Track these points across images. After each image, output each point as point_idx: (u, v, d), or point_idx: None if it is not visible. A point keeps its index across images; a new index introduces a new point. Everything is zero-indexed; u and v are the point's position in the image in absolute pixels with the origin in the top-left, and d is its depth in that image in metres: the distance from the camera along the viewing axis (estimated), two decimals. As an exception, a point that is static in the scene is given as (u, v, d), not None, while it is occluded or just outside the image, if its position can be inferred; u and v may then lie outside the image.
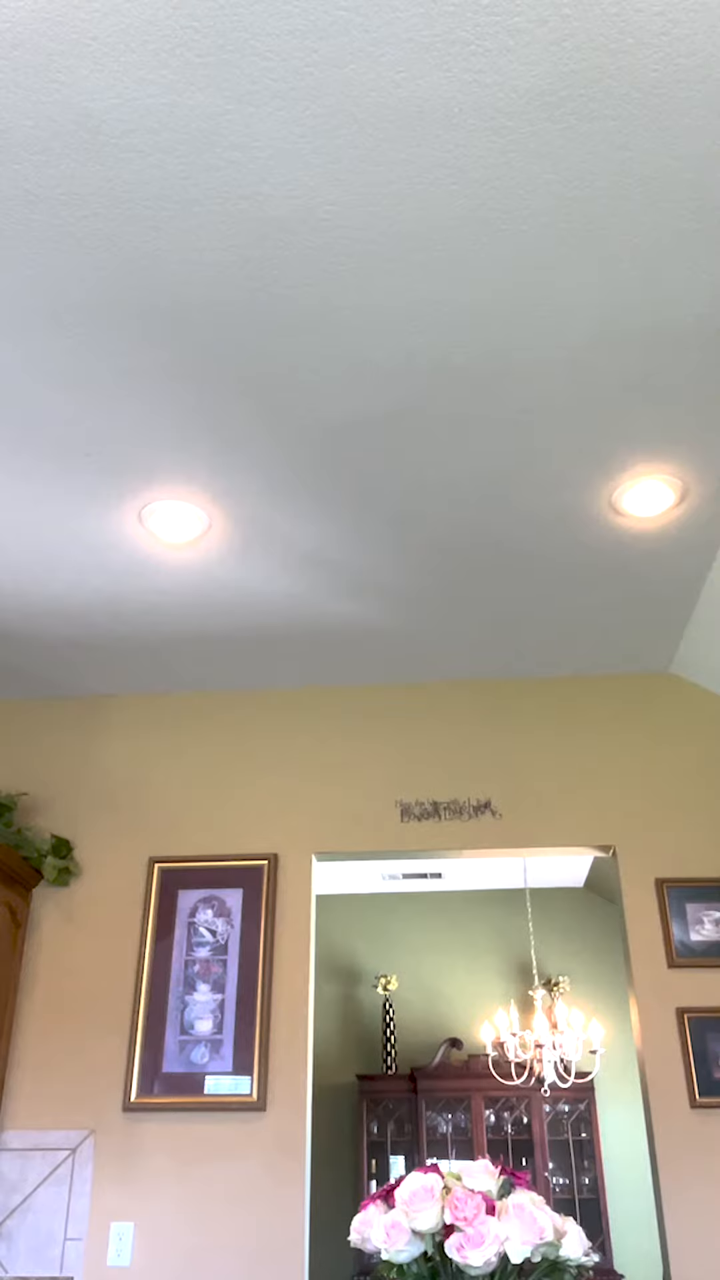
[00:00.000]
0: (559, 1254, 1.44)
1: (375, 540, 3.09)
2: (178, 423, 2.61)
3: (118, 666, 3.83)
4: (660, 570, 3.25)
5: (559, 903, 6.88)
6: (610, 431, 2.65)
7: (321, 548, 3.13)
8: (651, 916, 3.48)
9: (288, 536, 3.07)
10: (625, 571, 3.25)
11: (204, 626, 3.55)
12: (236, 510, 2.95)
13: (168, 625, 3.54)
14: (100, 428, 2.62)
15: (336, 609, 3.46)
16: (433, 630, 3.60)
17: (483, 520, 3.00)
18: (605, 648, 3.73)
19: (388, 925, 6.90)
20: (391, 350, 2.39)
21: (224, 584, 3.31)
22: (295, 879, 3.64)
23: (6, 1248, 3.14)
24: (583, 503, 2.92)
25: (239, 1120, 3.26)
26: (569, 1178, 5.90)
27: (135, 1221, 3.15)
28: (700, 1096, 3.17)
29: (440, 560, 3.20)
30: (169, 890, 3.63)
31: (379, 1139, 6.08)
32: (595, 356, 2.41)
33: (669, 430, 2.64)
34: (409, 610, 3.47)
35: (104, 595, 3.35)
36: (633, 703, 3.88)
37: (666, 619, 3.54)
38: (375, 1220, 1.44)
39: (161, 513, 2.94)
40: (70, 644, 3.66)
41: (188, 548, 3.12)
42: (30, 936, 3.62)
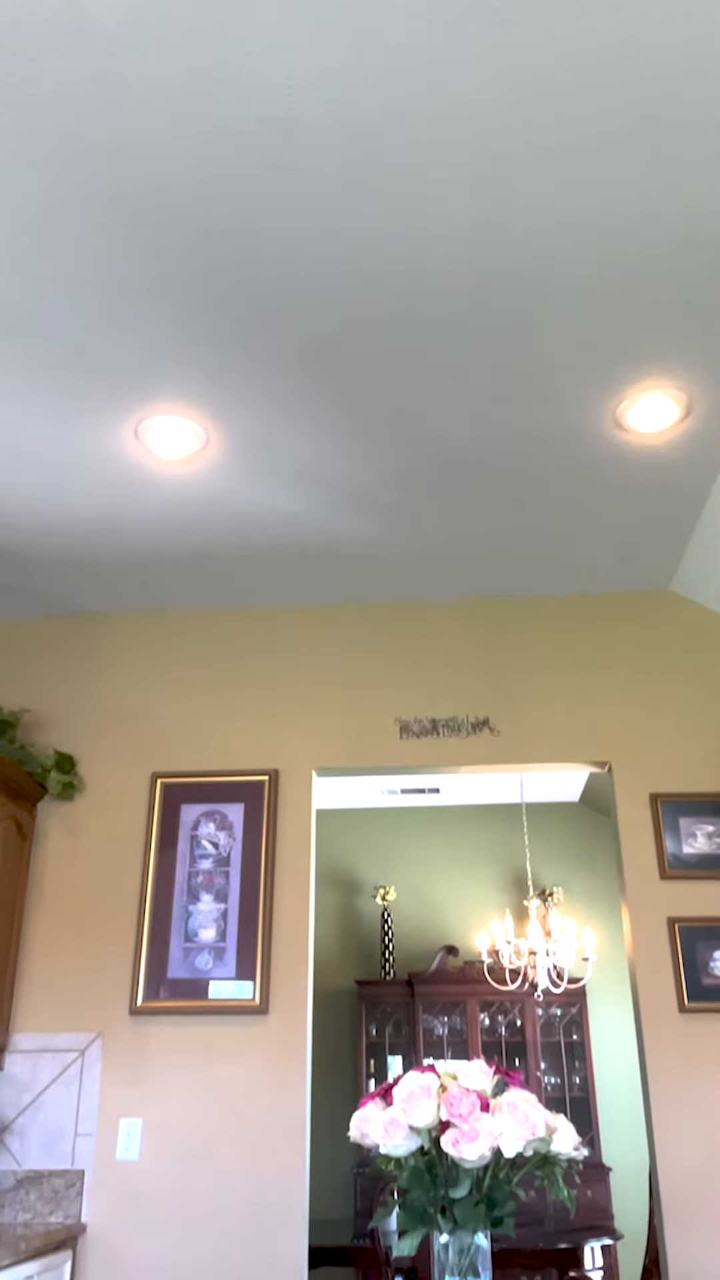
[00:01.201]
0: (550, 1149, 1.51)
1: (374, 457, 3.05)
2: (174, 337, 2.55)
3: (117, 585, 3.82)
4: (663, 487, 3.22)
5: (554, 817, 7.01)
6: (616, 345, 2.59)
7: (320, 464, 3.09)
8: (645, 830, 3.55)
9: (285, 453, 3.03)
10: (627, 488, 3.22)
11: (202, 544, 3.53)
12: (234, 426, 2.90)
13: (166, 543, 3.52)
14: (96, 342, 2.56)
15: (336, 527, 3.43)
16: (432, 549, 3.59)
17: (484, 437, 2.96)
18: (606, 566, 3.72)
19: (387, 838, 7.04)
20: (391, 262, 2.32)
21: (221, 501, 3.28)
22: (296, 794, 3.69)
23: (19, 1143, 3.28)
24: (586, 418, 2.88)
25: (242, 1023, 3.38)
26: (560, 1077, 6.14)
27: (143, 1118, 3.28)
28: (689, 1001, 3.28)
29: (440, 477, 3.16)
30: (171, 805, 3.69)
31: (377, 1040, 6.31)
32: (602, 268, 2.34)
33: (676, 344, 2.58)
34: (409, 528, 3.45)
35: (101, 513, 3.33)
36: (632, 621, 3.88)
37: (668, 536, 3.52)
38: (374, 1117, 1.50)
39: (158, 429, 2.89)
40: (68, 563, 3.65)
41: (184, 464, 3.08)
42: (36, 849, 3.69)
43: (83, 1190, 3.19)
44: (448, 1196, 1.43)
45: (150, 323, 2.51)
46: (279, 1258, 3.08)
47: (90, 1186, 3.20)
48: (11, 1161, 3.25)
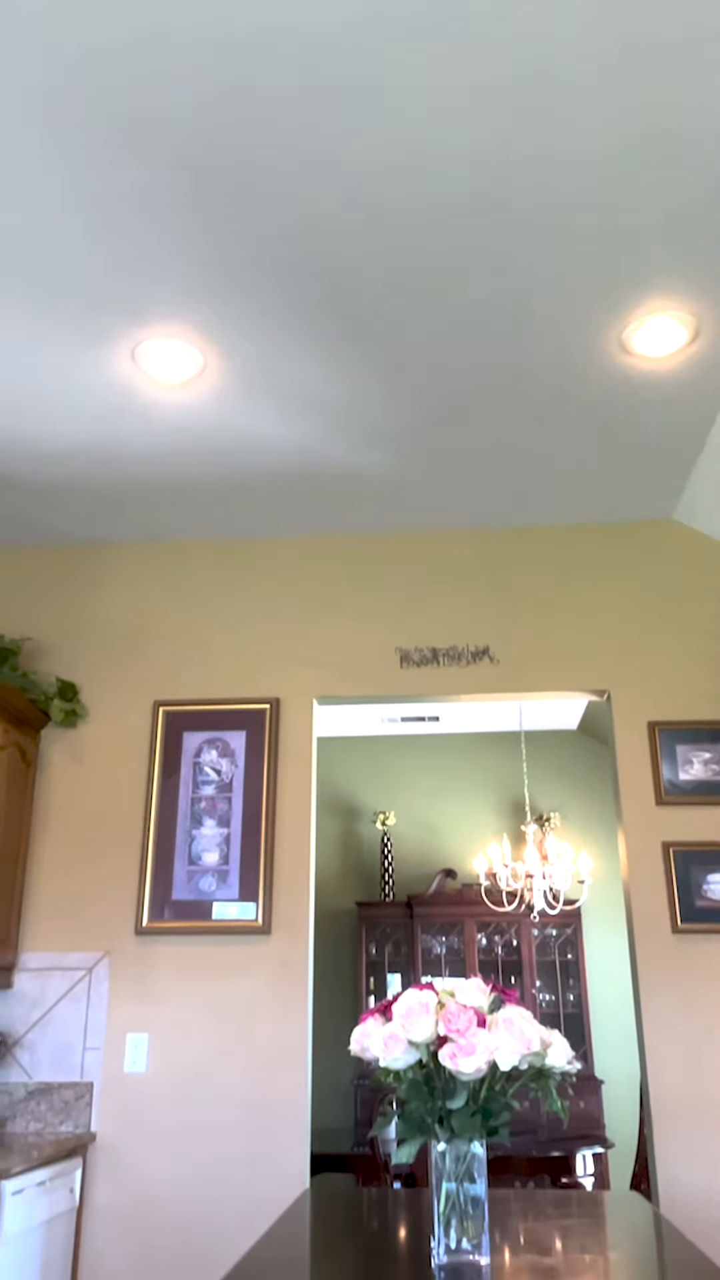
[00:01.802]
0: (544, 1063, 1.56)
1: (375, 382, 3.01)
2: (170, 255, 2.49)
3: (117, 513, 3.79)
4: (668, 413, 3.17)
5: (552, 744, 7.08)
6: (624, 265, 2.53)
7: (320, 390, 3.04)
8: (642, 757, 3.59)
9: (285, 378, 2.99)
10: (632, 414, 3.18)
11: (201, 472, 3.50)
12: (232, 350, 2.85)
13: (165, 470, 3.49)
14: (90, 261, 2.50)
15: (335, 455, 3.40)
16: (433, 477, 3.55)
17: (487, 362, 2.91)
18: (608, 494, 3.69)
19: (387, 765, 7.12)
20: (393, 178, 2.25)
21: (220, 427, 3.24)
22: (297, 722, 3.73)
23: (29, 1056, 3.39)
24: (591, 342, 2.82)
25: (245, 943, 3.46)
26: (555, 995, 6.31)
27: (149, 1033, 3.39)
28: (681, 922, 3.36)
29: (443, 405, 3.12)
30: (174, 732, 3.73)
31: (377, 960, 6.48)
32: (611, 184, 2.27)
33: (686, 264, 2.52)
34: (409, 456, 3.41)
35: (99, 439, 3.29)
36: (633, 550, 3.87)
37: (672, 464, 3.49)
38: (374, 1032, 1.55)
39: (155, 352, 2.84)
40: (67, 490, 3.62)
41: (183, 389, 3.03)
42: (41, 775, 3.74)
43: (91, 1101, 3.31)
44: (445, 1107, 1.49)
45: (145, 241, 2.45)
46: (282, 1164, 3.21)
47: (99, 1098, 3.32)
48: (22, 1074, 3.36)
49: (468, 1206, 1.48)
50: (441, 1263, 1.48)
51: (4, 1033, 3.41)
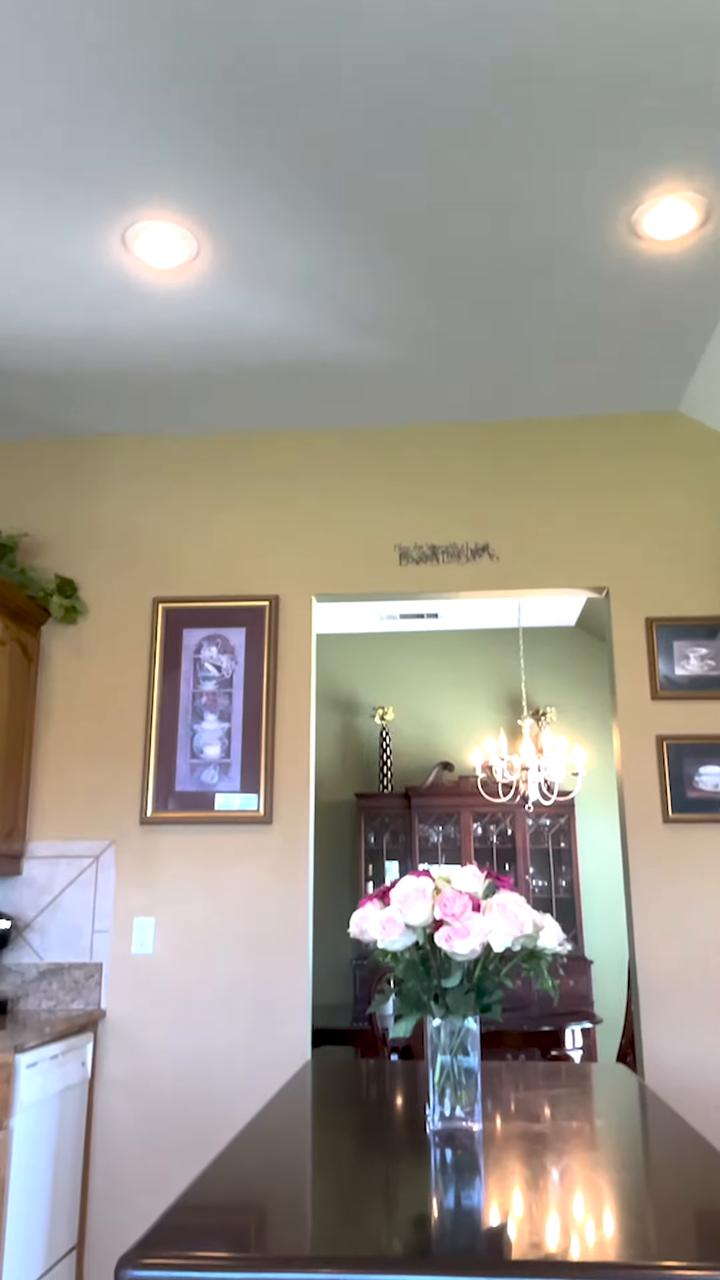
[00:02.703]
0: (536, 944, 1.62)
1: (374, 267, 2.91)
2: (162, 133, 2.38)
3: (112, 406, 3.72)
4: (676, 299, 3.08)
5: (550, 641, 7.12)
6: (634, 142, 2.42)
7: (316, 277, 2.95)
8: (639, 653, 3.61)
9: (281, 264, 2.89)
10: (639, 300, 3.09)
11: (197, 363, 3.42)
12: (227, 235, 2.75)
13: (159, 361, 3.41)
14: (78, 139, 2.39)
15: (333, 344, 3.31)
16: (434, 367, 3.47)
17: (489, 244, 2.81)
18: (612, 386, 3.62)
19: (386, 662, 7.18)
20: (394, 47, 2.13)
21: (215, 316, 3.15)
22: (296, 619, 3.74)
23: (40, 939, 3.52)
24: (599, 224, 2.72)
25: (247, 832, 3.56)
26: (548, 881, 6.52)
27: (156, 917, 3.51)
28: (673, 813, 3.44)
29: (442, 288, 3.02)
30: (174, 629, 3.74)
31: (375, 848, 6.66)
32: (626, 57, 2.15)
33: (700, 143, 2.41)
34: (409, 345, 3.33)
35: (91, 328, 3.20)
36: (636, 444, 3.81)
37: (679, 353, 3.40)
38: (372, 916, 1.61)
39: (147, 235, 2.74)
40: (62, 382, 3.54)
41: (175, 274, 2.94)
42: (43, 671, 3.77)
43: (101, 981, 3.45)
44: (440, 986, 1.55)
45: (136, 118, 2.33)
46: (284, 1039, 3.37)
47: (108, 977, 3.46)
48: (34, 955, 3.50)
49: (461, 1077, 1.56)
50: (436, 1128, 1.57)
51: (14, 917, 3.53)
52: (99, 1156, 3.32)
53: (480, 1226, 1.13)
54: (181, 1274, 1.00)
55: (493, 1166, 1.39)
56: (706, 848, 3.43)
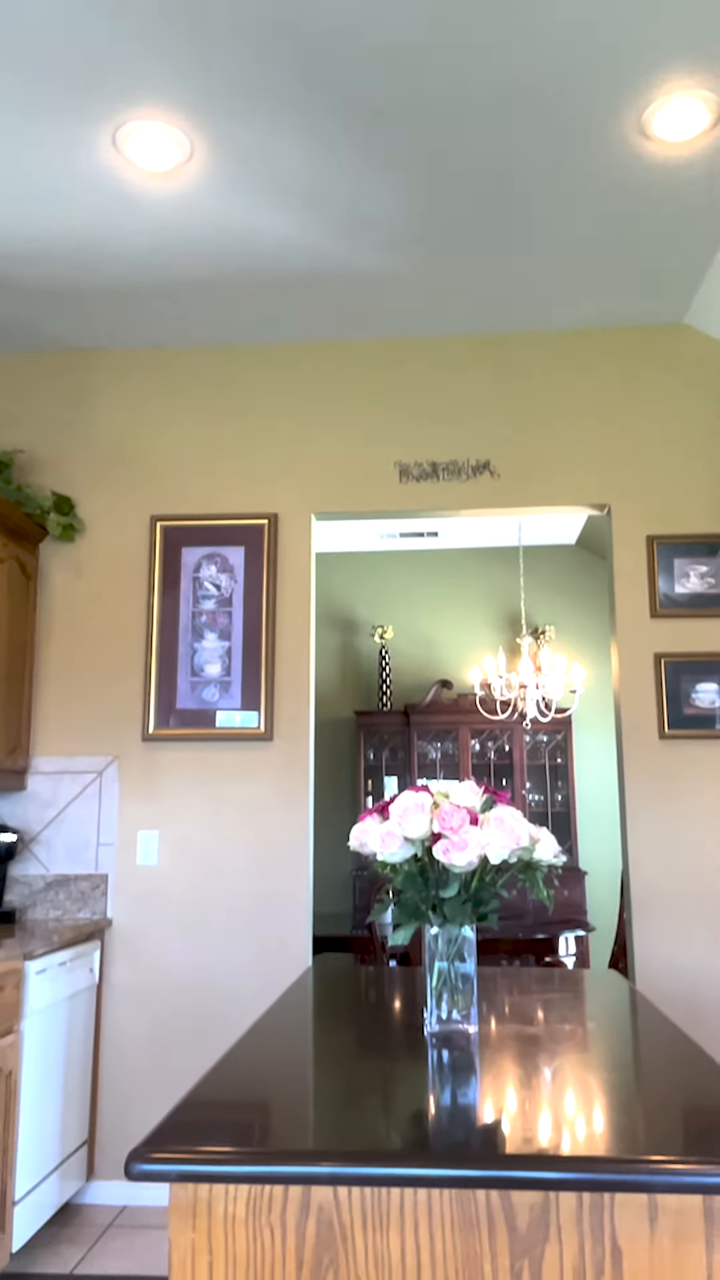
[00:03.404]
0: (532, 856, 1.66)
1: (374, 170, 2.81)
2: (150, 26, 2.27)
3: (107, 316, 3.64)
4: (686, 203, 2.99)
5: (551, 559, 7.10)
6: (645, 36, 2.31)
7: (315, 181, 2.85)
8: (639, 571, 3.61)
9: (277, 166, 2.79)
10: (648, 205, 2.99)
11: (193, 273, 3.33)
12: (219, 135, 2.65)
13: (155, 270, 3.32)
14: (62, 28, 2.28)
15: (332, 252, 3.22)
16: (435, 276, 3.38)
17: (492, 147, 2.71)
18: (619, 295, 3.53)
19: (385, 581, 7.17)
20: None
21: (210, 222, 3.05)
22: (295, 538, 3.72)
23: (46, 851, 3.59)
24: (608, 125, 2.62)
25: (249, 749, 3.60)
26: (544, 795, 6.63)
27: (160, 830, 3.58)
28: (669, 729, 3.48)
29: (444, 194, 2.93)
30: (172, 547, 3.73)
31: (375, 764, 6.75)
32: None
33: (710, 40, 2.30)
34: (410, 253, 3.24)
35: (80, 234, 3.11)
36: (641, 357, 3.74)
37: (688, 260, 3.31)
38: (372, 829, 1.64)
39: (138, 136, 2.64)
40: (55, 292, 3.45)
41: (169, 178, 2.84)
42: (42, 590, 3.77)
43: (107, 891, 3.54)
44: (438, 896, 1.59)
45: (124, 11, 2.22)
46: (286, 946, 3.47)
47: (114, 888, 3.54)
48: (40, 867, 3.58)
49: (458, 982, 1.61)
50: (433, 1030, 1.63)
51: (21, 830, 3.60)
52: (108, 1058, 3.45)
53: (475, 1122, 1.18)
54: (188, 1167, 1.05)
55: (487, 1066, 1.44)
56: (700, 763, 3.48)
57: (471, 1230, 1.03)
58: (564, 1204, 1.02)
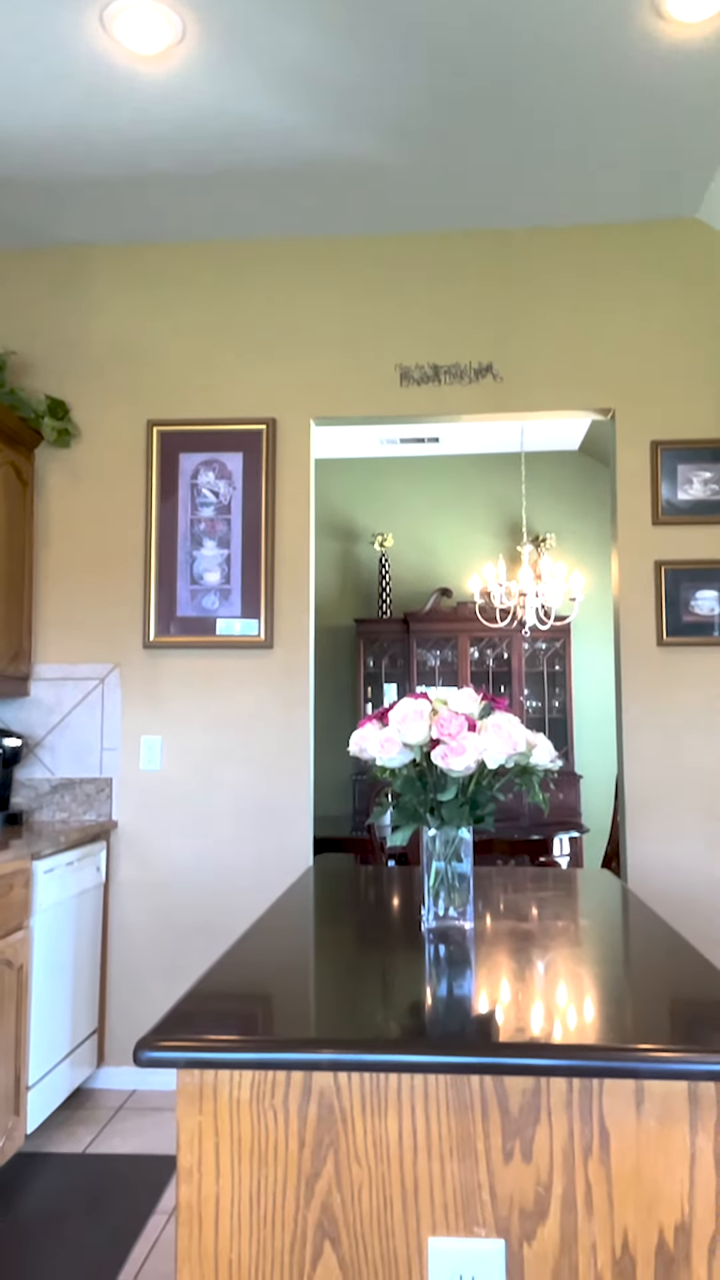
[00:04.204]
0: (529, 761, 1.68)
1: (374, 53, 2.68)
2: None
3: (97, 211, 3.51)
4: (702, 88, 2.86)
5: (553, 465, 7.01)
6: None
7: (313, 64, 2.72)
8: (642, 477, 3.57)
9: (274, 49, 2.66)
10: (660, 91, 2.86)
11: (186, 163, 3.20)
12: (213, 13, 2.52)
13: (146, 158, 3.19)
14: None
15: (330, 140, 3.09)
16: (437, 167, 3.26)
17: (497, 26, 2.57)
18: (628, 188, 3.40)
19: (385, 488, 7.10)
20: None
21: (203, 108, 2.92)
22: (294, 443, 3.67)
23: (51, 756, 3.65)
24: (619, 2, 2.48)
25: (249, 657, 3.62)
26: (542, 702, 6.70)
27: (162, 735, 3.62)
28: (667, 636, 3.50)
29: (447, 78, 2.79)
30: (169, 453, 3.68)
31: (374, 672, 6.80)
32: None
33: None
34: (410, 142, 3.11)
35: (68, 120, 2.98)
36: (649, 254, 3.63)
37: (701, 149, 3.19)
38: (372, 735, 1.66)
39: (127, 16, 2.51)
40: (43, 183, 3.33)
41: (160, 61, 2.71)
42: (39, 496, 3.74)
43: (111, 795, 3.60)
44: (436, 799, 1.62)
45: None
46: (287, 847, 3.55)
47: (118, 791, 3.61)
48: (45, 771, 3.64)
49: (454, 881, 1.66)
50: (430, 926, 1.68)
51: (25, 735, 3.65)
52: (115, 953, 3.57)
53: (470, 1012, 1.23)
54: (194, 1054, 1.09)
55: (483, 960, 1.49)
56: (697, 670, 3.50)
57: (466, 1113, 1.08)
58: (554, 1089, 1.07)
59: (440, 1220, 1.07)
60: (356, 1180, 1.08)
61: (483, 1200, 1.07)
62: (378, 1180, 1.08)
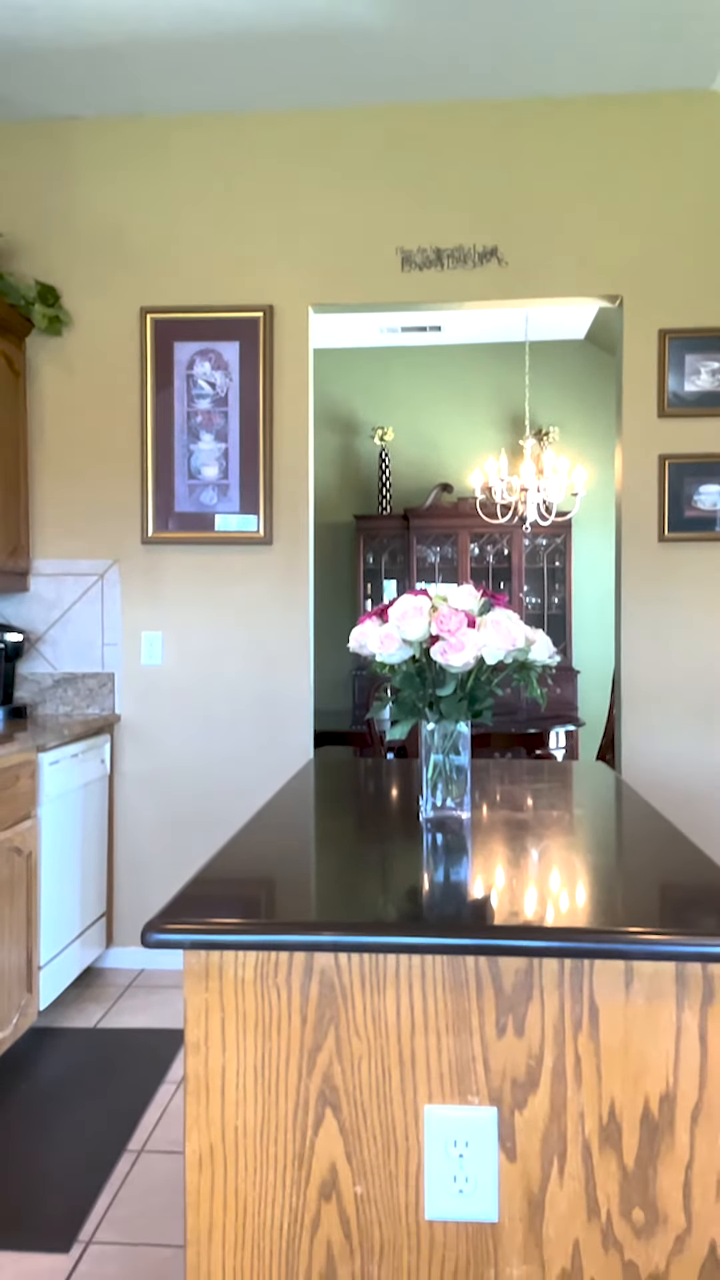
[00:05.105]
0: (528, 657, 1.69)
1: None
2: None
3: (82, 81, 3.34)
4: (723, -51, 2.68)
5: (558, 355, 6.85)
6: None
7: None
8: (649, 367, 3.49)
9: None
10: (680, -49, 2.68)
11: (174, 23, 3.02)
12: None
13: (134, 24, 3.01)
14: None
15: (332, 3, 2.91)
16: (443, 30, 3.08)
17: None
18: (641, 54, 3.22)
19: (385, 379, 6.94)
20: None
21: (194, -33, 2.75)
22: (292, 332, 3.57)
23: (53, 650, 3.67)
24: None
25: (248, 553, 3.61)
26: (541, 598, 6.71)
27: (163, 631, 3.64)
28: (669, 531, 3.48)
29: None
30: (164, 342, 3.58)
31: (374, 568, 6.79)
32: None
33: None
34: (405, 2, 2.93)
35: (52, -17, 2.80)
36: (662, 128, 3.46)
37: (715, 12, 3.00)
38: (371, 632, 1.67)
39: None
40: (28, 53, 3.15)
41: None
42: (32, 387, 3.66)
43: (114, 689, 3.64)
44: (435, 694, 1.64)
45: None
46: (288, 740, 3.61)
47: (120, 685, 3.65)
48: (48, 665, 3.67)
49: (452, 773, 1.69)
50: (428, 817, 1.72)
51: (26, 630, 3.66)
52: (121, 840, 3.66)
53: (466, 897, 1.27)
54: (200, 936, 1.13)
55: (479, 848, 1.53)
56: (697, 565, 3.50)
57: (461, 990, 1.12)
58: (547, 969, 1.11)
59: (436, 1090, 1.13)
60: (356, 1053, 1.13)
61: (476, 1072, 1.12)
62: (376, 1053, 1.13)
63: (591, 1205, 1.11)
